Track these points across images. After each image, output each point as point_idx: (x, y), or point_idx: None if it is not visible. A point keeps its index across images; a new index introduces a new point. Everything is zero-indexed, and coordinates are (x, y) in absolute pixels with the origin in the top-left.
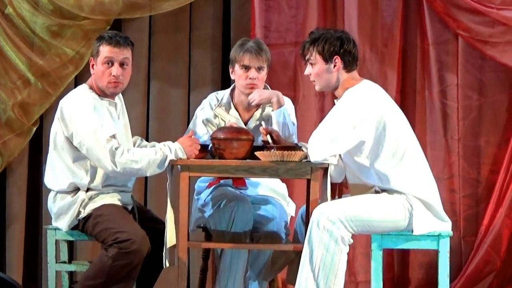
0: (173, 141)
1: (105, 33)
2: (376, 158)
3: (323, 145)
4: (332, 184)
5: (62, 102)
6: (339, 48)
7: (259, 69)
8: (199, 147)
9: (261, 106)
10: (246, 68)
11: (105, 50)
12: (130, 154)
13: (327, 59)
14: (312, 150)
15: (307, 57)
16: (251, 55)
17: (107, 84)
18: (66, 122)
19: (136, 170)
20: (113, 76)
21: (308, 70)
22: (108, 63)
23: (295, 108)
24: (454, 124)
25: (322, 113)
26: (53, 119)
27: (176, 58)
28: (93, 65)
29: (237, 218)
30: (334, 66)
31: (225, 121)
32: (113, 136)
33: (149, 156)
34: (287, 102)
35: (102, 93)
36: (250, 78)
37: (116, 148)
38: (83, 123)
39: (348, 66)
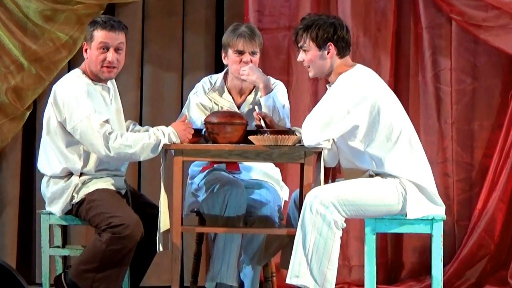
0: (167, 126)
1: (99, 17)
2: (370, 142)
3: (317, 130)
4: (325, 168)
5: (55, 87)
6: (332, 34)
7: (252, 53)
8: (192, 132)
9: (254, 90)
10: (240, 53)
11: (99, 35)
12: (124, 139)
13: (321, 45)
14: (306, 134)
15: (300, 44)
16: (244, 39)
17: (101, 69)
18: (60, 107)
19: (130, 155)
20: (108, 61)
21: (301, 56)
22: (103, 48)
23: (288, 92)
24: (448, 108)
25: (315, 97)
26: (46, 104)
27: (170, 43)
28: (86, 49)
29: (230, 202)
30: (328, 52)
31: (218, 105)
32: (107, 121)
33: (143, 141)
34: (280, 85)
35: (95, 78)
36: (244, 62)
37: (110, 133)
38: (76, 108)
39: (342, 52)
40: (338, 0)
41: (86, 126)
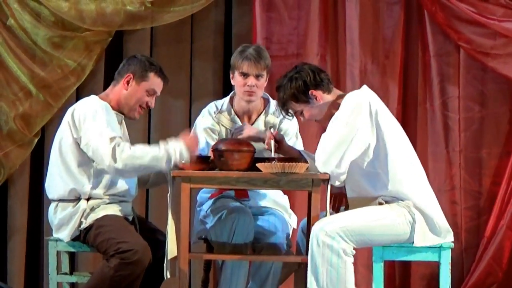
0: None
1: (150, 60)
2: (381, 160)
3: (331, 157)
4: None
5: (73, 107)
6: (304, 85)
7: (258, 76)
8: (198, 141)
9: (263, 113)
10: (245, 75)
11: (156, 82)
12: (132, 151)
13: (305, 99)
14: (320, 163)
15: (293, 112)
16: (249, 62)
17: (137, 108)
18: (76, 124)
19: (138, 166)
20: (149, 106)
21: (302, 119)
22: (150, 93)
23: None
24: (456, 136)
25: None
26: (55, 130)
27: (178, 70)
28: (128, 81)
29: (238, 229)
30: (316, 98)
31: (226, 128)
32: (119, 137)
33: (152, 153)
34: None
35: (115, 108)
36: (248, 86)
37: (118, 145)
38: (92, 125)
39: (326, 88)
40: (346, 28)
41: (98, 141)
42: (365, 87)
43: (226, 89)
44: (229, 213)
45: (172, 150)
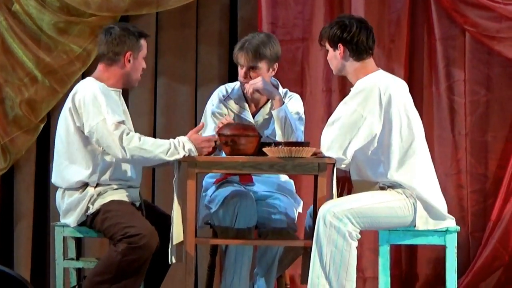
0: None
1: (134, 27)
2: (385, 149)
3: (336, 144)
4: (337, 179)
5: (72, 93)
6: (340, 35)
7: (252, 68)
8: (211, 149)
9: (270, 100)
10: (241, 66)
11: (145, 45)
12: (141, 142)
13: (333, 45)
14: (325, 148)
15: (322, 42)
16: (242, 53)
17: (139, 77)
18: (78, 111)
19: (145, 159)
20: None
21: (328, 56)
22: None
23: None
24: (462, 120)
25: (329, 109)
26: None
27: (183, 55)
28: (129, 59)
29: (240, 214)
30: (339, 53)
31: (234, 113)
32: (122, 122)
33: (160, 148)
34: (296, 97)
35: (113, 85)
36: (241, 76)
37: (127, 134)
38: (92, 111)
39: (354, 55)
40: (351, 12)
41: (102, 128)
42: (380, 71)
43: (231, 73)
44: (231, 198)
45: (181, 146)
